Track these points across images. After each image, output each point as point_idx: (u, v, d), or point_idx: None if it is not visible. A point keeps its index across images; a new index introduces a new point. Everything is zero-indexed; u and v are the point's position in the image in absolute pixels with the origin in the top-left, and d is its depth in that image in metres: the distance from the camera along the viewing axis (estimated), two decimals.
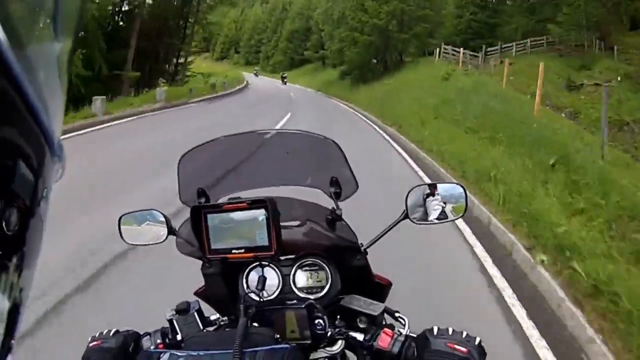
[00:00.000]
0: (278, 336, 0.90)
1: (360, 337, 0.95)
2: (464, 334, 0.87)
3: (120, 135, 9.94)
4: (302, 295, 1.05)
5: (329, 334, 0.96)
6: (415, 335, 0.93)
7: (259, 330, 0.91)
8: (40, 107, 0.27)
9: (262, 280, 1.01)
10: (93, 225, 4.00)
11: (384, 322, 0.99)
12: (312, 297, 1.04)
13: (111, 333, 0.99)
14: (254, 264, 1.05)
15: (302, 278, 1.07)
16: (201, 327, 1.02)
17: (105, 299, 2.92)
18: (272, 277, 1.05)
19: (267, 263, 1.04)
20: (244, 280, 1.07)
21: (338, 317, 0.99)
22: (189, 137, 5.55)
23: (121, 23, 22.14)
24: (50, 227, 0.35)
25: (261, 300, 1.01)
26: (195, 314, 1.02)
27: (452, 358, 0.82)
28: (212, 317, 1.08)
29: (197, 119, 12.86)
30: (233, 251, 0.95)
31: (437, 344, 0.85)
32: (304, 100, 24.81)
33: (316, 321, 0.95)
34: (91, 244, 3.63)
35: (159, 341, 1.02)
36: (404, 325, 0.97)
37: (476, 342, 0.85)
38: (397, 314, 1.02)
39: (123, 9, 22.03)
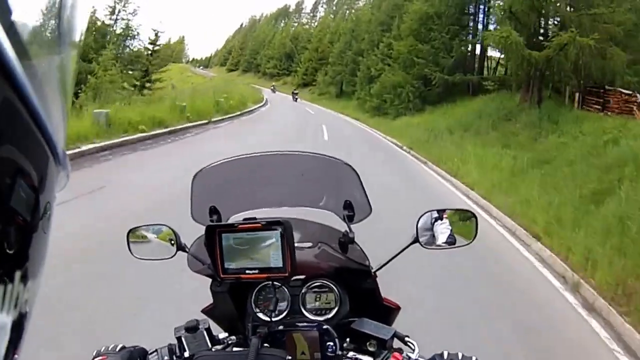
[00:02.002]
0: (290, 357, 0.90)
1: None
2: (474, 359, 0.88)
3: None
4: (310, 316, 1.07)
5: (338, 356, 0.99)
6: None
7: (271, 352, 0.92)
8: (45, 117, 0.27)
9: (275, 301, 1.03)
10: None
11: (393, 347, 1.00)
12: (320, 318, 1.06)
13: (117, 348, 0.99)
14: (264, 284, 1.08)
15: (310, 299, 1.09)
16: (209, 346, 1.03)
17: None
18: (282, 298, 1.07)
19: (279, 284, 1.05)
20: (253, 300, 1.09)
21: (348, 339, 1.02)
22: None
23: None
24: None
25: (271, 320, 1.02)
26: (204, 332, 1.03)
27: None
28: (221, 336, 1.09)
29: None
30: (247, 272, 0.95)
31: None
32: None
33: (328, 343, 1.00)
34: None
35: (166, 358, 1.02)
36: (413, 350, 0.99)
37: None
38: (406, 339, 1.03)
39: None
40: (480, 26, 23.34)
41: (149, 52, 29.46)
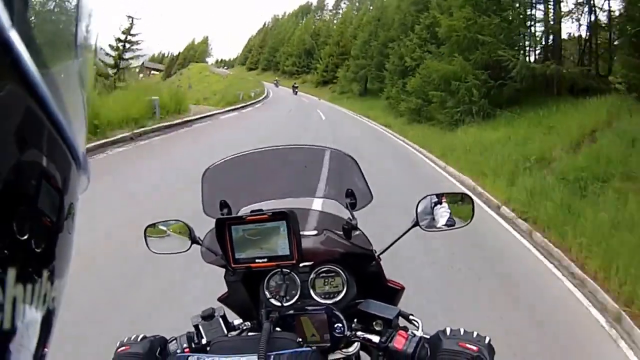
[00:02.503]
0: (300, 340, 0.94)
1: (376, 339, 1.02)
2: (475, 333, 0.90)
3: None
4: (320, 300, 1.12)
5: (346, 336, 1.03)
6: (428, 337, 0.96)
7: (282, 335, 0.95)
8: (65, 123, 0.28)
9: (285, 287, 1.09)
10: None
11: (398, 325, 1.04)
12: (329, 301, 1.11)
13: (139, 338, 1.02)
14: (275, 271, 1.12)
15: (319, 284, 1.14)
16: (225, 332, 1.07)
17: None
18: (292, 284, 1.12)
19: (288, 271, 1.11)
20: (265, 287, 1.13)
21: (355, 320, 1.06)
22: None
23: None
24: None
25: (282, 305, 1.08)
26: (220, 319, 1.08)
27: (463, 356, 0.85)
28: (236, 322, 1.14)
29: None
30: (256, 261, 1.01)
31: (449, 343, 0.88)
32: None
33: (336, 325, 1.03)
34: None
35: (185, 345, 1.06)
36: (418, 328, 1.02)
37: (486, 341, 0.89)
38: (411, 317, 1.06)
39: None
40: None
41: (121, 43, 23.46)
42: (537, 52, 15.69)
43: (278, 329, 1.01)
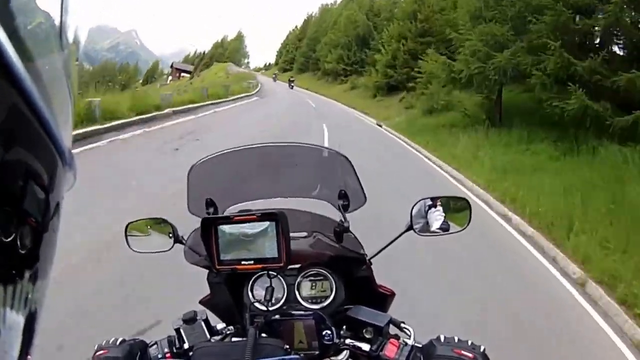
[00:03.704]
0: (287, 346, 0.91)
1: (366, 347, 0.99)
2: (470, 342, 0.90)
3: None
4: (306, 304, 1.08)
5: (335, 343, 1.00)
6: (420, 345, 0.95)
7: (269, 341, 0.92)
8: (51, 118, 0.27)
9: (271, 291, 1.03)
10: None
11: (389, 333, 1.01)
12: (316, 306, 1.07)
13: (117, 342, 1.00)
14: (260, 274, 1.09)
15: (306, 288, 1.10)
16: (208, 337, 1.05)
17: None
18: (278, 287, 1.08)
19: (274, 274, 1.06)
20: (250, 290, 1.10)
21: (344, 327, 1.03)
22: None
23: None
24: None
25: (268, 310, 1.04)
26: (202, 323, 1.05)
27: None
28: (219, 327, 1.11)
29: None
30: (242, 262, 0.96)
31: (443, 349, 0.88)
32: None
33: (324, 332, 1.00)
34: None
35: (166, 350, 1.03)
36: (410, 336, 1.00)
37: (481, 350, 0.88)
38: (402, 325, 1.04)
39: None
40: None
41: None
42: None
43: (263, 334, 0.98)
